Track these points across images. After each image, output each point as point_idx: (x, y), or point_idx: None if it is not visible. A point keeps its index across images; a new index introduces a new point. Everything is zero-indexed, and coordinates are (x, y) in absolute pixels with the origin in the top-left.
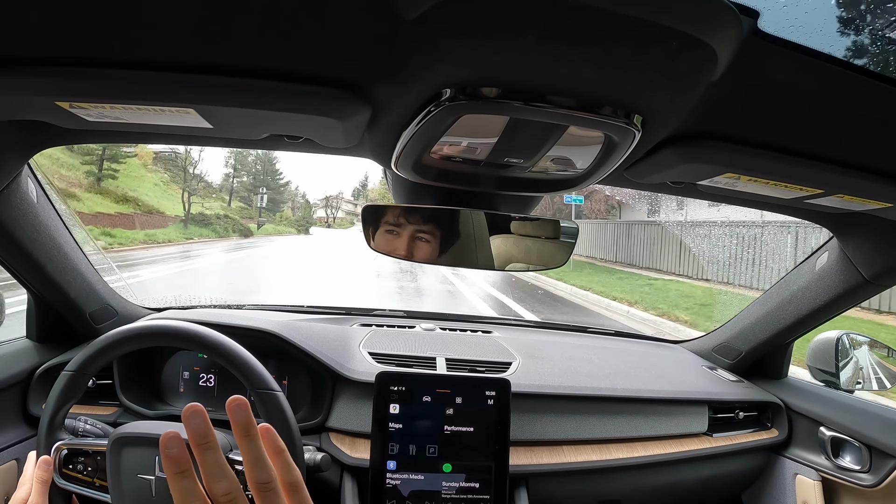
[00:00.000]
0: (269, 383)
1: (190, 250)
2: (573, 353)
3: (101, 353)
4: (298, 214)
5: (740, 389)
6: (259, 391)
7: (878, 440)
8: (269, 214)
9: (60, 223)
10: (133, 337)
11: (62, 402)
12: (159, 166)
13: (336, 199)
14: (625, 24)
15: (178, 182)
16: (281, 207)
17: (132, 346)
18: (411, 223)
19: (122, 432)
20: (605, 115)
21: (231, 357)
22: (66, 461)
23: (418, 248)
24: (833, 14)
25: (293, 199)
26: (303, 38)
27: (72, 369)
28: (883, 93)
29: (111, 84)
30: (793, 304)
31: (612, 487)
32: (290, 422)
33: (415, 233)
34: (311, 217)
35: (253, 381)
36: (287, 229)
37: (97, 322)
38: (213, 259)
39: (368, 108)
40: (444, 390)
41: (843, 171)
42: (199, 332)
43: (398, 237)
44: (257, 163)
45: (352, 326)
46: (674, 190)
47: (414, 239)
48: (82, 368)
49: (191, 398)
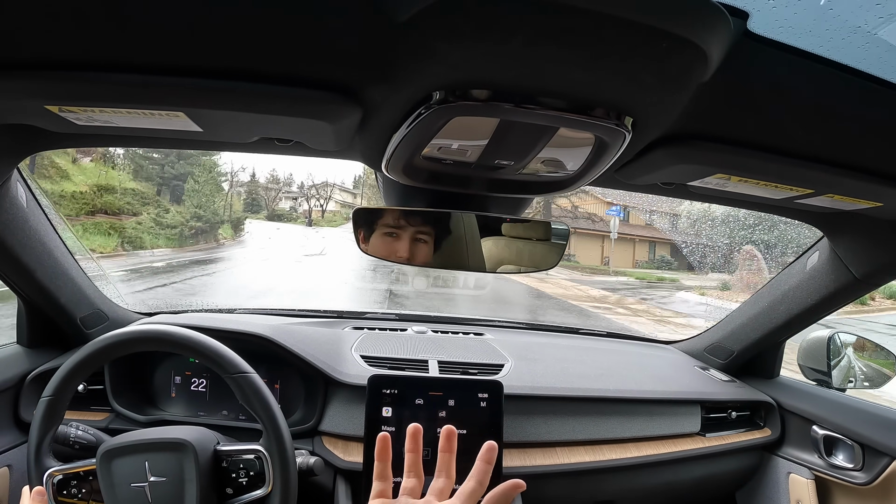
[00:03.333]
0: (240, 366)
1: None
2: (565, 355)
3: (74, 373)
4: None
5: (732, 389)
6: (232, 375)
7: (870, 438)
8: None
9: (50, 228)
10: (103, 351)
11: (45, 430)
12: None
13: (324, 188)
14: (615, 25)
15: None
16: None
17: (106, 358)
18: (402, 226)
19: (108, 446)
20: (596, 116)
21: (199, 348)
22: (60, 488)
23: (409, 250)
24: (822, 15)
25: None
26: (293, 40)
27: (48, 395)
28: (873, 93)
29: (101, 87)
30: (784, 303)
31: (606, 488)
32: (269, 400)
33: (406, 235)
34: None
35: (225, 366)
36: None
37: (88, 327)
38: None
39: (359, 110)
40: (437, 393)
41: (834, 170)
42: (164, 331)
43: (389, 240)
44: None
45: (343, 330)
46: (664, 191)
47: (405, 241)
48: (58, 392)
49: (183, 402)
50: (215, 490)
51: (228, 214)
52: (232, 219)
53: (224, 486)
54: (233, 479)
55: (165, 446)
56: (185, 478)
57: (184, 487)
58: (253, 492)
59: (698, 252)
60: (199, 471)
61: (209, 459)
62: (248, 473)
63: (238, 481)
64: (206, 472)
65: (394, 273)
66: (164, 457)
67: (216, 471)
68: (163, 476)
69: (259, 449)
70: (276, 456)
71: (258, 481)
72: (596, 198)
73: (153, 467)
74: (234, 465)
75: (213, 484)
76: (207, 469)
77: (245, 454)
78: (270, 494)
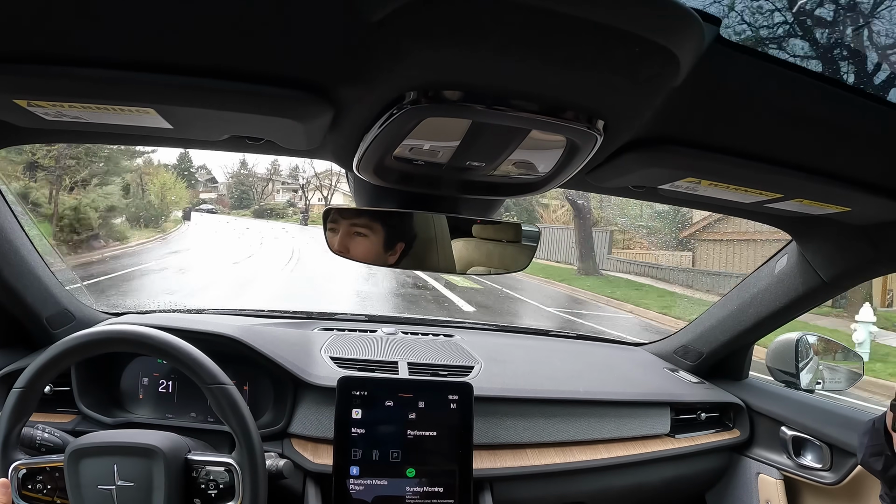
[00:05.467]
0: (219, 377)
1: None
2: (535, 356)
3: (50, 366)
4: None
5: (702, 391)
6: (210, 386)
7: (838, 439)
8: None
9: (17, 225)
10: (81, 346)
11: (14, 421)
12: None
13: (328, 178)
14: (588, 30)
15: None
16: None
17: (82, 354)
18: (372, 226)
19: (78, 444)
20: (568, 119)
21: (180, 356)
22: (25, 481)
23: (379, 251)
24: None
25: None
26: (264, 38)
27: (21, 385)
28: (842, 100)
29: (70, 82)
30: (753, 306)
31: (576, 489)
32: (244, 413)
33: (376, 236)
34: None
35: (203, 377)
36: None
37: (54, 327)
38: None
39: (330, 109)
40: (407, 394)
41: (803, 176)
42: (147, 334)
43: (359, 240)
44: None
45: (313, 331)
46: (635, 194)
47: (375, 242)
48: (32, 384)
49: (150, 404)
50: (183, 499)
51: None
52: (150, 213)
53: (192, 497)
54: (202, 489)
55: (136, 451)
56: (154, 485)
57: (151, 494)
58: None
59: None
60: (168, 479)
61: (179, 468)
62: (217, 486)
63: (207, 493)
64: (174, 480)
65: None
66: (134, 462)
67: (185, 480)
68: (131, 481)
69: (231, 462)
70: (247, 470)
71: (227, 495)
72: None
73: (122, 471)
74: (203, 476)
75: (181, 493)
76: (177, 477)
77: (216, 466)
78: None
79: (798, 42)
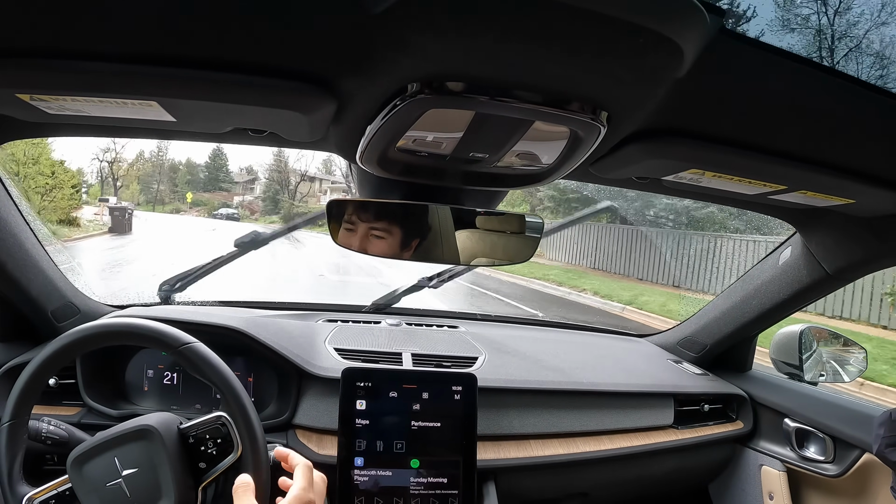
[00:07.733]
0: (182, 338)
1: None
2: (539, 348)
3: (28, 391)
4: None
5: (705, 382)
6: (178, 349)
7: (842, 431)
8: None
9: (21, 219)
10: (51, 361)
11: (13, 456)
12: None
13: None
14: (592, 20)
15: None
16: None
17: (56, 367)
18: (376, 218)
19: (74, 453)
20: (571, 110)
21: (138, 332)
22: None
23: (383, 243)
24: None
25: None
26: (267, 30)
27: (8, 420)
28: (847, 91)
29: (73, 76)
30: (757, 298)
31: (580, 480)
32: (218, 364)
33: (380, 228)
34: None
35: (168, 342)
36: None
37: (59, 320)
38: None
39: (334, 101)
40: (411, 386)
41: (807, 167)
42: (97, 326)
43: (363, 232)
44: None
45: (317, 322)
46: (639, 185)
47: (379, 234)
48: (17, 415)
49: (155, 396)
50: (188, 467)
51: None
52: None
53: (196, 462)
54: (203, 452)
55: (130, 437)
56: (157, 462)
57: (158, 473)
58: (224, 459)
59: None
60: (168, 453)
61: (175, 440)
62: (216, 442)
63: (208, 453)
64: (175, 452)
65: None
66: (132, 447)
67: (185, 449)
68: (134, 467)
69: (221, 414)
70: (238, 417)
71: (227, 447)
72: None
73: (123, 461)
74: (200, 438)
75: (185, 462)
76: (176, 449)
77: (208, 424)
78: (242, 457)
79: (804, 33)
